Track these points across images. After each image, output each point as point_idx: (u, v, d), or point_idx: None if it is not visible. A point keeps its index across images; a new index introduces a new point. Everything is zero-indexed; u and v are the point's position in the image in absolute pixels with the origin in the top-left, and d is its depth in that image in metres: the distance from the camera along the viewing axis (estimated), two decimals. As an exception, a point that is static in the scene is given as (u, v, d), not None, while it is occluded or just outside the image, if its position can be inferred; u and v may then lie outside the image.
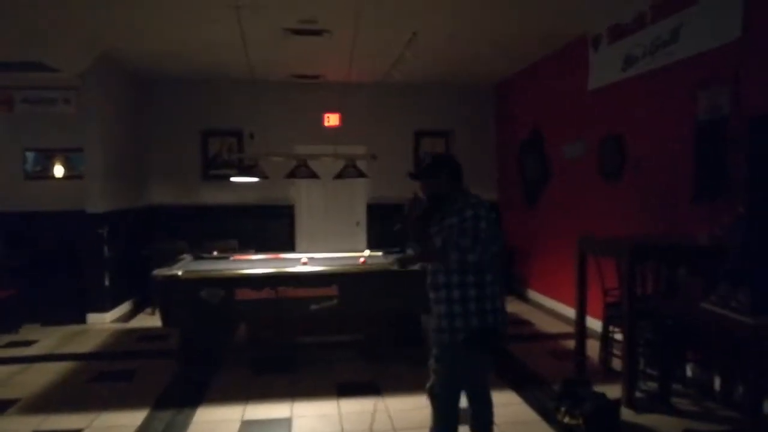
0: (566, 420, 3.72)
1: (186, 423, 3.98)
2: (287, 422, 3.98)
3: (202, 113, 8.65)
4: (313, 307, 4.83)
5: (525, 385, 4.59)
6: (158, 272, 4.94)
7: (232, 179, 6.44)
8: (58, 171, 8.18)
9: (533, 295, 7.93)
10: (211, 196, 8.69)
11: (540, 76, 7.68)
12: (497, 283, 2.91)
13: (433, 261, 2.95)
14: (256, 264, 5.48)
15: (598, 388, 3.94)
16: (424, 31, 6.09)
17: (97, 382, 4.89)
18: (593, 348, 5.04)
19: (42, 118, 8.00)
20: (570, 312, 6.14)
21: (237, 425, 3.94)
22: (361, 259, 5.58)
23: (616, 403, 3.73)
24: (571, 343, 5.23)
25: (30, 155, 8.22)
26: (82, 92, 7.16)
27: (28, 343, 6.06)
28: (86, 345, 5.98)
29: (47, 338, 6.24)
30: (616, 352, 4.67)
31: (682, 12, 4.68)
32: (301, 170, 5.84)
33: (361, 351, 5.34)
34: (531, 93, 8.01)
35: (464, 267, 2.81)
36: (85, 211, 6.91)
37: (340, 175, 6.01)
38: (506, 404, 4.23)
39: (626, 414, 3.92)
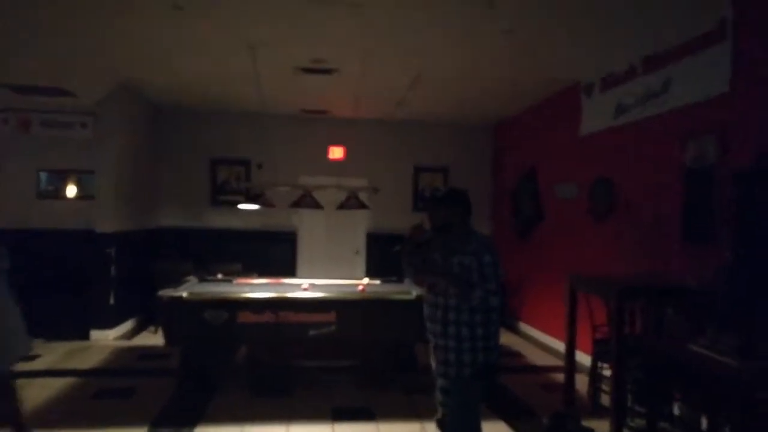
0: (556, 453, 3.66)
1: (184, 442, 3.92)
2: (283, 445, 3.92)
3: (213, 142, 8.73)
4: (312, 332, 4.80)
5: (515, 417, 4.54)
6: (163, 293, 4.91)
7: (240, 206, 6.44)
8: (70, 191, 8.18)
9: (524, 327, 7.89)
10: (218, 220, 8.70)
11: (536, 118, 7.79)
12: (498, 321, 2.96)
13: (453, 287, 2.90)
14: (259, 288, 5.45)
15: (587, 423, 3.90)
16: (427, 73, 6.20)
17: (97, 398, 4.82)
18: (582, 382, 5.00)
19: (57, 140, 8.03)
20: (559, 345, 6.10)
21: (234, 446, 3.88)
22: (360, 287, 5.56)
23: (604, 438, 3.68)
24: (560, 377, 5.19)
25: (43, 175, 8.23)
26: (98, 118, 7.23)
27: (31, 358, 5.97)
28: (88, 361, 5.90)
29: (50, 353, 6.16)
30: (604, 387, 4.64)
31: (673, 66, 4.78)
32: (306, 200, 5.86)
33: (357, 376, 5.28)
34: (527, 134, 8.11)
35: (483, 307, 2.87)
36: (94, 230, 6.90)
37: (342, 206, 6.03)
38: (497, 435, 4.18)
39: (614, 449, 3.88)
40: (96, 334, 6.80)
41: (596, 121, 6.07)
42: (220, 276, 6.13)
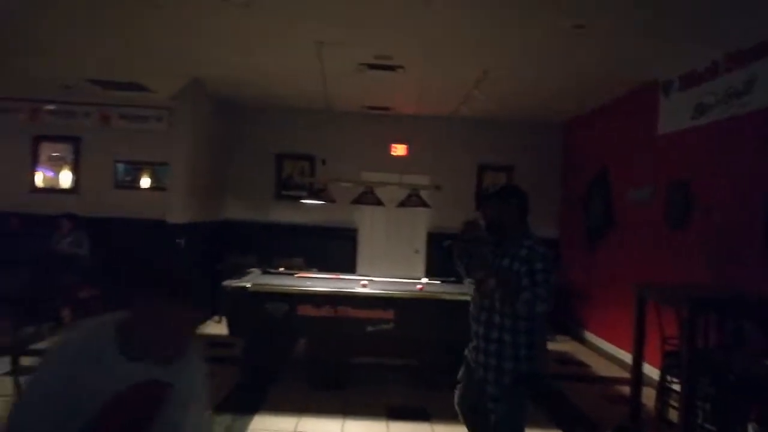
0: (616, 466, 3.58)
1: (243, 428, 4.10)
2: (338, 438, 4.03)
3: (278, 137, 8.99)
4: (369, 328, 4.88)
5: (575, 428, 4.46)
6: (228, 283, 5.13)
7: (303, 201, 6.62)
8: (145, 182, 8.67)
9: (590, 336, 7.68)
10: (282, 214, 8.96)
11: (609, 117, 7.56)
12: (545, 330, 2.87)
13: (502, 287, 2.77)
14: (319, 282, 5.59)
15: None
16: (493, 70, 6.14)
17: (164, 382, 5.08)
18: (649, 396, 4.83)
19: (134, 133, 8.54)
20: (627, 357, 5.91)
21: (290, 436, 4.02)
22: (419, 286, 5.60)
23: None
24: (625, 389, 5.04)
25: (120, 166, 8.76)
26: (172, 112, 7.61)
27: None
28: (157, 346, 6.23)
29: (123, 337, 6.54)
30: (673, 402, 4.46)
31: (757, 63, 4.53)
32: (368, 197, 5.95)
33: (414, 376, 5.32)
34: (599, 134, 7.88)
35: (529, 314, 2.74)
36: (166, 221, 7.28)
37: (403, 204, 6.08)
38: (555, 444, 4.13)
39: (680, 467, 3.74)
40: (165, 321, 7.16)
41: (674, 121, 5.83)
42: (282, 269, 6.33)
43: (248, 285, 5.08)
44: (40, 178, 8.77)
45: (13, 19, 5.27)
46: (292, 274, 6.11)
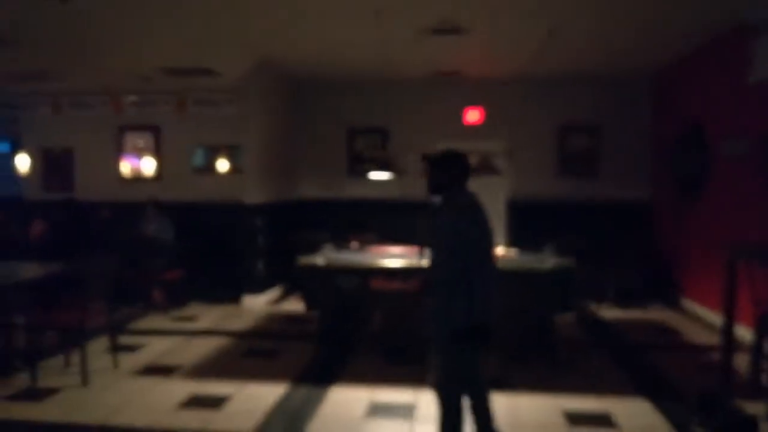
0: (699, 432, 3.61)
1: (320, 399, 4.45)
2: (411, 408, 4.29)
3: (349, 112, 9.27)
4: (442, 300, 5.08)
5: (662, 397, 4.47)
6: (303, 259, 5.51)
7: (370, 175, 6.85)
8: (221, 165, 9.25)
9: (687, 303, 7.48)
10: (355, 190, 9.28)
11: (700, 66, 7.21)
12: (491, 280, 3.07)
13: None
14: (389, 255, 5.85)
15: (744, 405, 3.75)
16: (568, 23, 6.04)
17: (246, 356, 5.58)
18: (744, 361, 4.74)
19: (209, 118, 9.12)
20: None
21: (365, 405, 4.33)
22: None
23: (753, 419, 3.54)
24: (719, 356, 4.95)
25: (198, 151, 9.39)
26: (242, 94, 8.06)
27: (192, 318, 7.03)
28: (240, 323, 6.79)
29: (208, 315, 7.17)
30: (767, 366, 4.37)
31: None
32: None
33: (491, 348, 5.47)
34: (689, 85, 7.54)
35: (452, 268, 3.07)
36: (243, 202, 7.80)
37: (473, 172, 6.18)
38: (638, 413, 4.19)
39: (772, 434, 3.71)
40: (247, 299, 7.75)
41: (770, 64, 5.53)
42: (355, 244, 6.64)
43: (320, 261, 5.42)
44: (126, 168, 9.58)
45: (90, 18, 5.84)
46: (365, 249, 6.41)
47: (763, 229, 5.52)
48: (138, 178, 9.49)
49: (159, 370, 5.10)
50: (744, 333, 5.02)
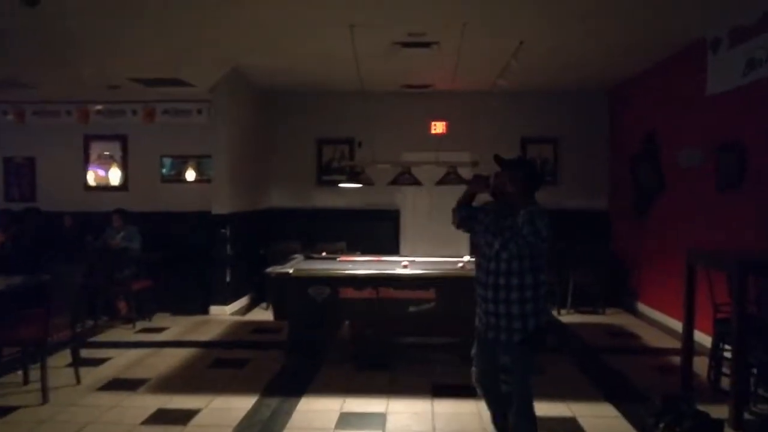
0: (664, 437, 3.57)
1: (290, 410, 4.27)
2: (382, 417, 4.15)
3: (318, 123, 9.13)
4: (412, 308, 4.99)
5: (624, 399, 4.44)
6: (272, 269, 5.33)
7: (341, 185, 6.75)
8: (190, 175, 9.00)
9: (643, 308, 7.55)
10: (324, 200, 9.14)
11: (655, 80, 7.33)
12: (545, 282, 3.07)
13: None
14: (360, 265, 5.72)
15: (705, 408, 3.72)
16: (531, 39, 6.05)
17: (214, 367, 5.36)
18: (703, 365, 4.77)
19: (178, 127, 8.86)
20: (680, 327, 5.79)
21: (336, 416, 4.17)
22: (460, 265, 5.65)
23: (719, 423, 3.52)
24: (678, 359, 4.97)
25: (167, 161, 9.12)
26: (212, 104, 7.85)
27: (159, 330, 6.75)
28: (207, 334, 6.55)
29: (175, 326, 6.90)
30: (726, 370, 4.39)
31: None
32: (405, 177, 6.02)
33: (457, 354, 5.39)
34: (645, 98, 7.66)
35: (532, 253, 3.03)
36: (211, 212, 7.56)
37: (441, 182, 6.12)
38: (602, 416, 4.14)
39: (734, 437, 3.70)
40: (214, 309, 7.50)
41: (724, 79, 5.61)
42: (324, 254, 6.49)
43: (291, 270, 5.26)
44: (91, 177, 9.23)
45: (59, 26, 5.58)
46: (335, 258, 6.27)
47: (717, 237, 5.59)
48: (104, 188, 9.16)
49: (124, 385, 4.83)
50: (698, 337, 5.03)
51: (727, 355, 4.37)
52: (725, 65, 5.57)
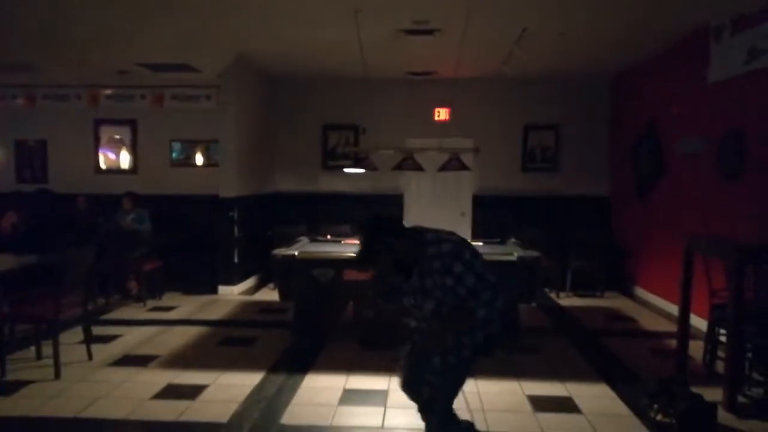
0: (659, 418, 3.58)
1: (295, 387, 4.31)
2: (384, 394, 4.18)
3: (324, 108, 9.08)
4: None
5: (620, 381, 4.45)
6: (278, 251, 5.34)
7: (346, 170, 6.73)
8: (199, 159, 9.00)
9: (640, 292, 7.55)
10: (329, 184, 9.12)
11: (658, 69, 7.25)
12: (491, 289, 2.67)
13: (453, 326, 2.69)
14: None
15: (700, 390, 3.73)
16: (534, 26, 5.99)
17: (223, 345, 5.39)
18: (698, 349, 4.77)
19: (186, 112, 8.84)
20: (677, 311, 5.80)
21: (340, 392, 4.20)
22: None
23: (712, 406, 3.52)
24: (674, 343, 4.96)
25: (176, 145, 9.12)
26: (220, 90, 7.82)
27: (169, 309, 6.79)
28: (216, 313, 6.58)
29: (185, 305, 6.94)
30: (721, 354, 4.39)
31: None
32: (408, 163, 6.00)
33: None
34: (648, 85, 7.58)
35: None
36: (219, 195, 7.56)
37: (443, 168, 6.10)
38: (598, 397, 4.16)
39: (727, 418, 3.71)
40: (223, 290, 7.53)
41: (726, 67, 5.55)
42: (329, 237, 6.50)
43: (296, 253, 5.26)
44: (102, 160, 9.23)
45: (69, 11, 5.55)
46: (339, 241, 6.27)
47: (716, 224, 5.56)
48: (115, 171, 9.17)
49: (134, 361, 4.87)
50: (694, 321, 5.03)
51: (723, 339, 4.37)
52: (727, 54, 5.51)
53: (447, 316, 2.68)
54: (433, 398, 2.83)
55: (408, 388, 2.99)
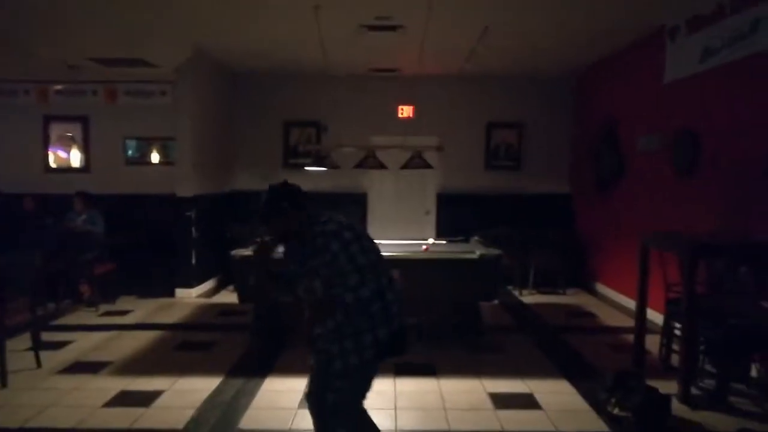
0: (615, 411, 3.69)
1: (254, 391, 4.28)
2: (345, 396, 4.18)
3: (285, 105, 8.99)
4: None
5: (580, 376, 4.57)
6: (236, 252, 5.28)
7: (306, 169, 6.70)
8: (154, 158, 8.82)
9: (601, 288, 7.75)
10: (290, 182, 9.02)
11: (617, 67, 7.44)
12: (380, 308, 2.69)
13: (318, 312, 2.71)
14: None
15: (656, 383, 3.85)
16: (497, 24, 6.07)
17: (179, 350, 5.31)
18: (656, 343, 4.92)
19: (141, 108, 8.65)
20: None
21: (299, 396, 4.17)
22: (424, 247, 5.69)
23: (667, 398, 3.65)
24: (632, 337, 5.11)
25: (131, 143, 8.91)
26: (176, 85, 7.67)
27: (123, 313, 6.65)
28: (173, 317, 6.47)
29: (140, 309, 6.80)
30: (676, 348, 4.54)
31: (761, 5, 4.44)
32: (370, 161, 6.01)
33: (420, 335, 5.45)
34: (608, 85, 7.77)
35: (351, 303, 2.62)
36: (175, 195, 7.43)
37: (406, 166, 6.13)
38: (558, 392, 4.26)
39: (681, 410, 3.84)
40: (180, 292, 7.41)
41: (682, 66, 5.74)
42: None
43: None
44: (52, 159, 8.97)
45: (17, 3, 5.37)
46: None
47: (673, 220, 5.74)
48: (66, 169, 8.91)
49: (86, 368, 4.76)
50: (652, 316, 5.19)
51: (678, 333, 4.52)
52: (682, 53, 5.69)
53: (316, 303, 2.68)
54: (338, 404, 2.74)
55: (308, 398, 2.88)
